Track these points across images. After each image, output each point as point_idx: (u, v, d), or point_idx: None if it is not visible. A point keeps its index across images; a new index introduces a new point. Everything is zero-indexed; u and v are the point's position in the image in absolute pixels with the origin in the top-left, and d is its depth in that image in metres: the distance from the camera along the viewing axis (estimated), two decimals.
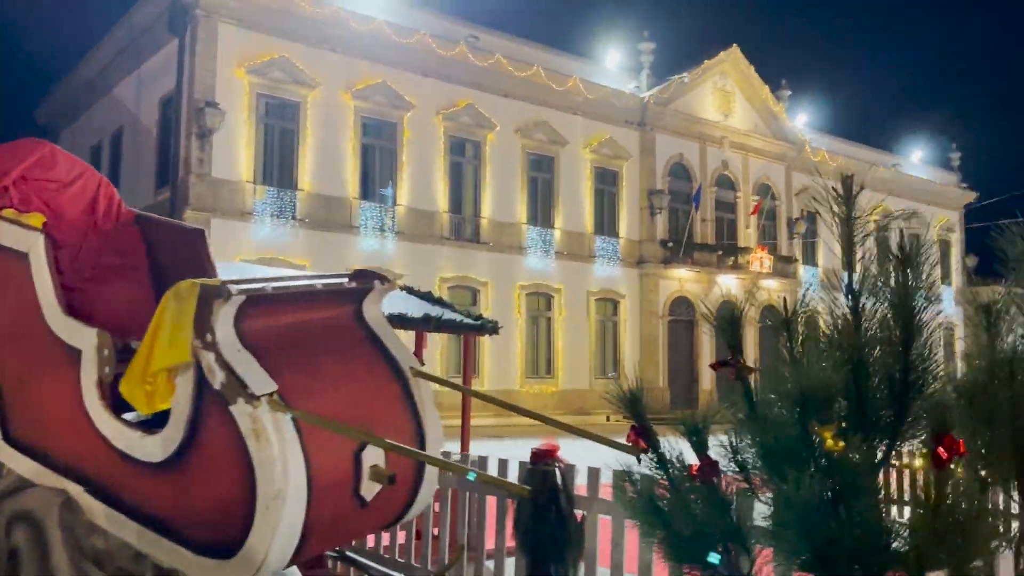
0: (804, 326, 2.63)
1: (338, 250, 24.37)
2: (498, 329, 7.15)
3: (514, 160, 28.95)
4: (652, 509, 2.42)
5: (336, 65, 24.72)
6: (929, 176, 45.09)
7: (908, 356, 2.38)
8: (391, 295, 7.51)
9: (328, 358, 2.83)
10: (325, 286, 3.11)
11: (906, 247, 2.53)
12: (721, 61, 35.02)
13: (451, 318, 6.52)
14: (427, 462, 2.62)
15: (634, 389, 2.74)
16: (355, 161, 25.16)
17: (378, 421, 2.80)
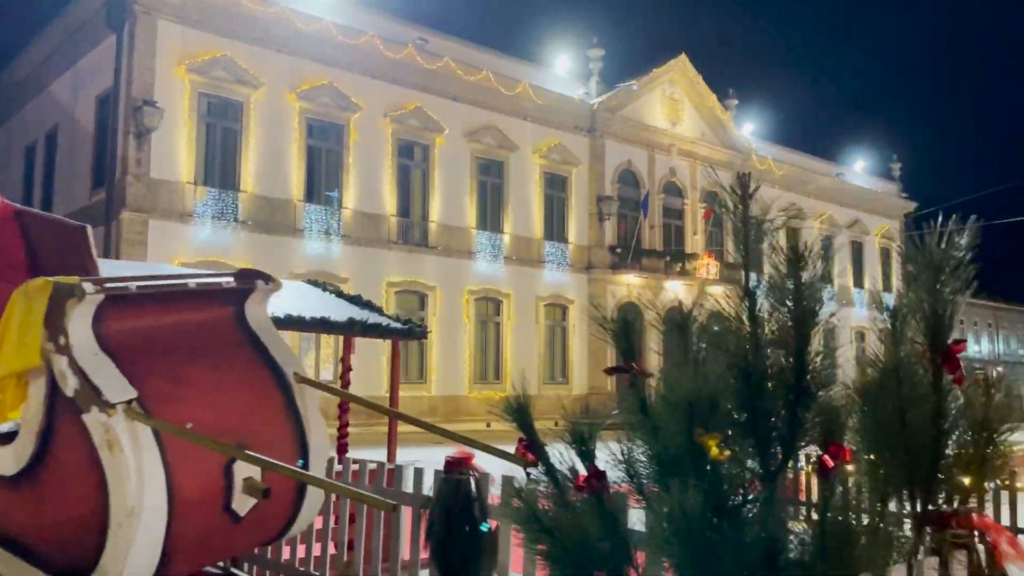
0: (701, 328, 2.52)
1: (282, 253, 23.91)
2: (427, 334, 6.97)
3: (463, 164, 28.78)
4: (535, 521, 2.28)
5: (281, 65, 24.30)
6: (870, 186, 46.10)
7: (802, 359, 2.28)
8: (317, 298, 7.29)
9: (201, 363, 2.63)
10: (200, 285, 2.90)
11: (799, 246, 2.43)
12: (670, 69, 35.35)
13: (377, 322, 6.31)
14: (287, 475, 2.44)
15: (520, 397, 2.59)
16: (300, 163, 24.74)
17: (254, 430, 2.61)
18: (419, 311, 27.43)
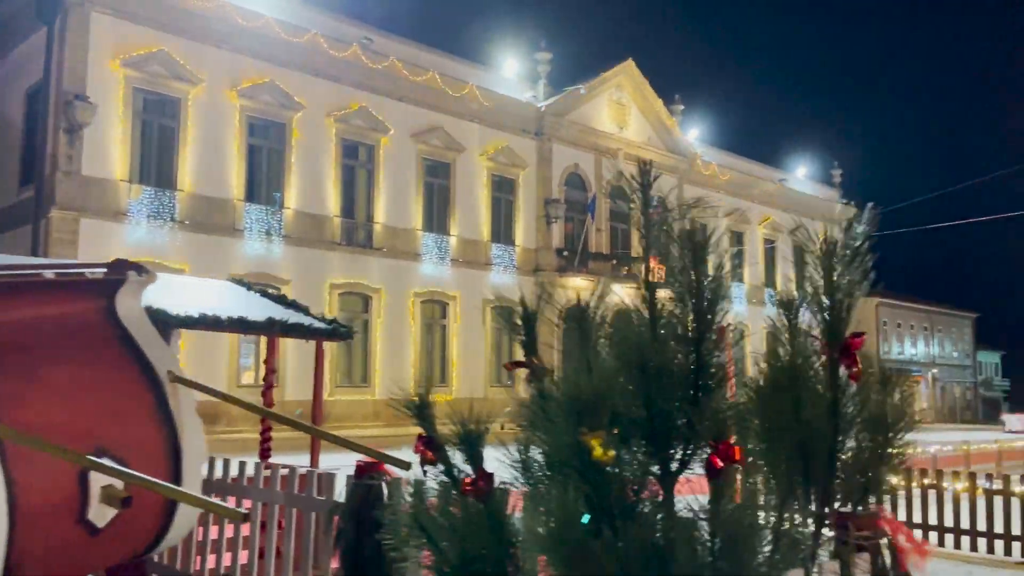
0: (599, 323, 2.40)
1: (220, 254, 23.37)
2: (352, 335, 6.75)
3: (409, 165, 28.51)
4: (419, 527, 2.13)
5: (220, 61, 23.75)
6: (812, 191, 47.03)
7: (700, 355, 2.18)
8: (239, 297, 7.03)
9: (57, 361, 2.42)
10: (60, 276, 2.68)
11: (698, 237, 2.33)
12: (617, 74, 35.56)
13: (298, 322, 6.09)
14: (131, 482, 2.23)
15: (421, 395, 2.45)
16: (240, 162, 24.20)
17: (117, 434, 2.41)
18: (363, 313, 27.10)
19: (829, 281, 2.07)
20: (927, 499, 8.21)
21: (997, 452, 16.26)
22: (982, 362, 67.90)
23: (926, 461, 13.78)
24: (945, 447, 14.48)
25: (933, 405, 58.63)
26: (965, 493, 7.98)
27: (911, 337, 57.74)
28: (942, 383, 60.06)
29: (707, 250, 2.30)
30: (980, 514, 7.88)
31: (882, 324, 54.56)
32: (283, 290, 24.68)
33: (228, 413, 23.24)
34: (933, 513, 8.15)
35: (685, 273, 2.30)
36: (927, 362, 58.57)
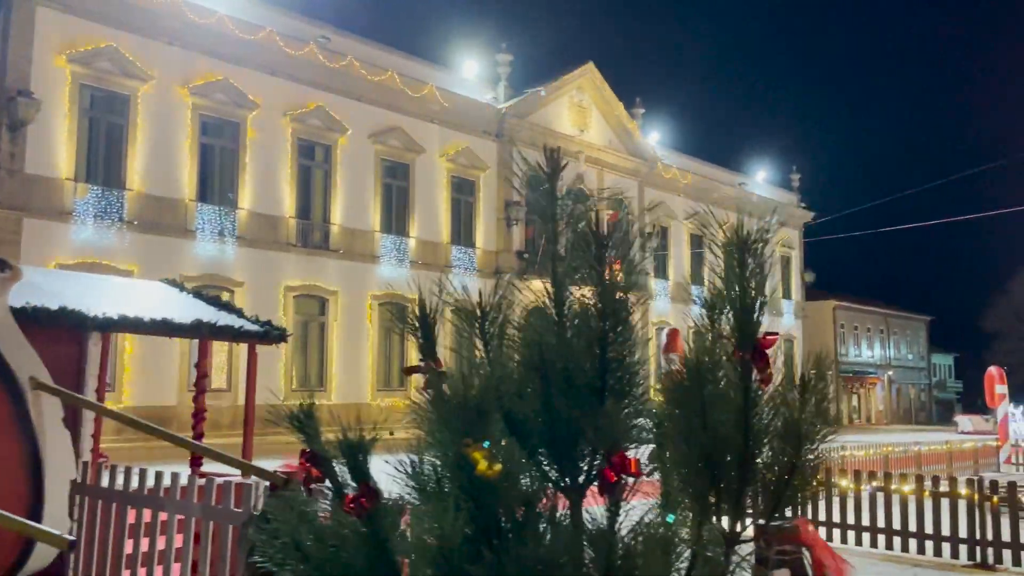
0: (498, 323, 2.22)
1: (171, 255, 22.83)
2: (285, 337, 6.47)
3: (367, 166, 28.16)
4: (295, 549, 1.93)
5: (172, 58, 23.22)
6: (772, 195, 47.50)
7: (606, 357, 2.00)
8: (168, 298, 6.73)
9: None
10: None
11: (604, 227, 2.16)
12: (578, 76, 35.55)
13: (228, 324, 5.81)
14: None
15: (305, 403, 2.24)
16: (192, 161, 23.67)
17: None
18: (319, 316, 26.70)
19: (741, 276, 1.91)
20: (876, 502, 8.16)
21: (947, 453, 16.43)
22: (936, 364, 69.22)
23: (878, 463, 13.86)
24: (897, 448, 14.59)
25: (889, 407, 59.58)
26: (913, 495, 7.95)
27: (868, 340, 58.62)
28: (897, 385, 61.07)
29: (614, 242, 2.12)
30: (928, 517, 7.86)
31: (839, 327, 55.32)
32: (236, 292, 24.29)
33: (179, 417, 22.71)
34: (881, 516, 8.11)
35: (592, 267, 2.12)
36: (883, 364, 59.50)
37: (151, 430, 2.77)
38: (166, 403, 21.82)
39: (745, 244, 1.92)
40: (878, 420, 57.22)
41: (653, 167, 39.08)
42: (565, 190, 2.32)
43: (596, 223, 2.21)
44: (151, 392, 21.70)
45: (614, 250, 2.15)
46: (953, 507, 7.65)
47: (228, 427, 21.55)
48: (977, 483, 7.63)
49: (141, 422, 2.89)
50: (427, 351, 2.25)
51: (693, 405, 1.78)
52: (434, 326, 2.26)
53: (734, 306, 1.91)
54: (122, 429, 21.27)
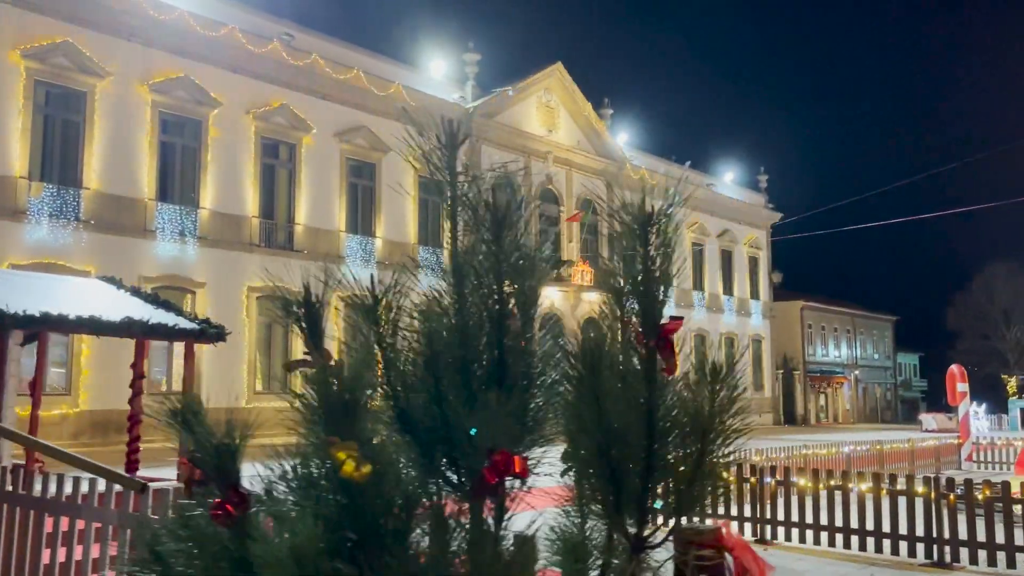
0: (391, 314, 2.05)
1: (130, 255, 22.36)
2: (224, 336, 6.21)
3: (332, 165, 27.81)
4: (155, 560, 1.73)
5: (131, 55, 22.74)
6: (739, 196, 47.78)
7: (502, 346, 1.84)
8: (101, 296, 6.45)
9: None
10: None
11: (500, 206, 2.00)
12: (546, 76, 35.46)
13: (161, 322, 5.56)
14: None
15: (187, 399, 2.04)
16: (152, 159, 23.20)
17: None
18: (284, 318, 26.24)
19: (644, 257, 1.75)
20: (834, 500, 8.09)
21: (909, 451, 16.48)
22: (902, 363, 70.12)
23: (840, 461, 13.85)
24: (860, 447, 14.61)
25: (855, 406, 60.20)
26: (871, 494, 7.88)
27: (835, 340, 59.19)
28: (864, 384, 61.74)
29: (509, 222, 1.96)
30: (885, 515, 7.80)
31: (807, 327, 55.80)
32: (198, 293, 23.86)
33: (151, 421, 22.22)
34: (840, 514, 8.04)
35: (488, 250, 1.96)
36: (850, 363, 60.12)
37: (14, 436, 2.55)
38: (124, 407, 21.24)
39: (648, 220, 1.76)
40: (845, 419, 57.79)
41: (622, 168, 39.10)
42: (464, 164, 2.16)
43: (493, 202, 2.04)
44: (109, 395, 21.07)
45: (509, 229, 1.99)
46: (910, 505, 7.60)
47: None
48: (934, 481, 7.58)
49: (11, 431, 2.67)
50: (312, 343, 2.06)
51: (588, 397, 1.62)
52: (320, 316, 2.06)
53: (636, 290, 1.75)
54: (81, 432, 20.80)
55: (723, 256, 46.59)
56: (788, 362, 53.17)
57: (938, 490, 7.49)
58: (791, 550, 8.07)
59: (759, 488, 8.49)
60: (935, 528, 7.45)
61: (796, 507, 8.27)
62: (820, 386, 56.13)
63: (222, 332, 6.04)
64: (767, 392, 48.65)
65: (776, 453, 12.28)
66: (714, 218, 45.61)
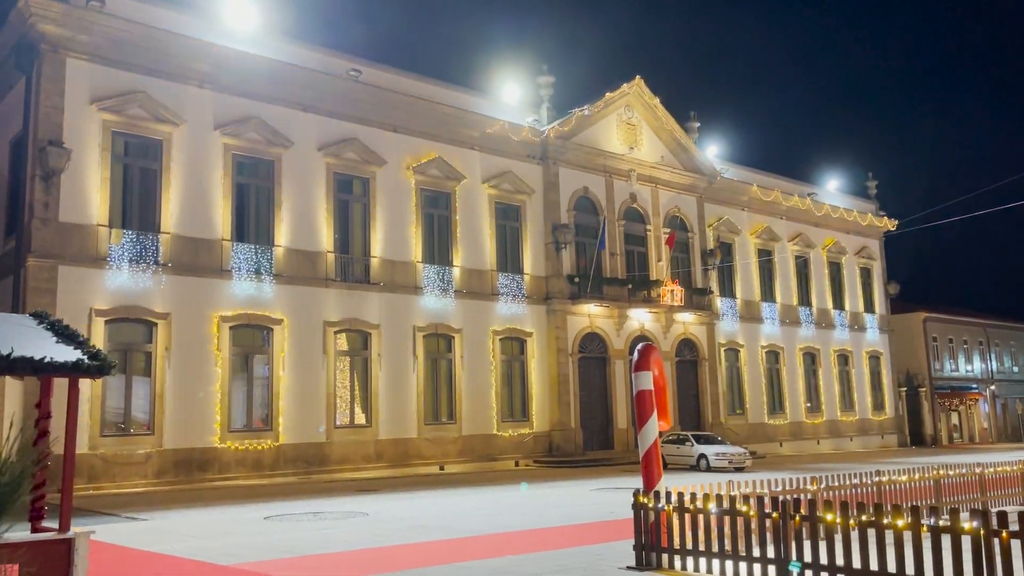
0: None
1: (207, 296, 22.92)
2: (109, 369, 5.72)
3: (406, 196, 27.86)
4: None
5: (202, 100, 23.53)
6: (846, 204, 45.09)
7: None
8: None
9: None
10: None
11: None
12: (624, 93, 34.60)
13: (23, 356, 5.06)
14: None
15: None
16: (226, 201, 23.81)
17: None
18: (362, 350, 26.35)
19: None
20: (867, 539, 6.89)
21: (1021, 475, 14.41)
22: None
23: (926, 490, 12.23)
24: (952, 472, 12.82)
25: (993, 424, 55.31)
26: (908, 531, 6.64)
27: (965, 352, 54.72)
28: (1002, 400, 56.69)
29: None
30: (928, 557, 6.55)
31: (931, 340, 51.84)
32: (275, 330, 24.21)
33: (219, 459, 22.63)
34: (874, 557, 6.82)
35: None
36: (985, 378, 55.41)
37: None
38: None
39: None
40: (982, 438, 53.17)
41: (713, 181, 37.59)
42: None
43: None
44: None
45: None
46: (956, 545, 6.33)
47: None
48: (983, 515, 6.29)
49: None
50: None
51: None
52: None
53: None
54: (164, 471, 21.25)
55: (831, 268, 43.97)
56: (912, 379, 49.49)
57: (988, 527, 6.21)
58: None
59: (783, 525, 7.37)
60: (986, 573, 6.17)
61: (825, 548, 7.10)
62: (951, 404, 51.91)
63: (106, 365, 5.58)
64: (888, 412, 45.30)
65: (842, 480, 10.88)
66: (819, 229, 43.17)
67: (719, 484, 8.95)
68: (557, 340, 31.01)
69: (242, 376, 23.80)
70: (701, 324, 36.07)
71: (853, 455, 36.92)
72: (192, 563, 9.37)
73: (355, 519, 13.69)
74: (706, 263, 37.01)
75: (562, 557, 9.40)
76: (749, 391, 38.05)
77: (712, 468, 26.62)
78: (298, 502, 16.73)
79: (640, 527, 8.63)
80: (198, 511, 15.27)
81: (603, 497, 17.08)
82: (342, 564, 9.14)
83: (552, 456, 29.86)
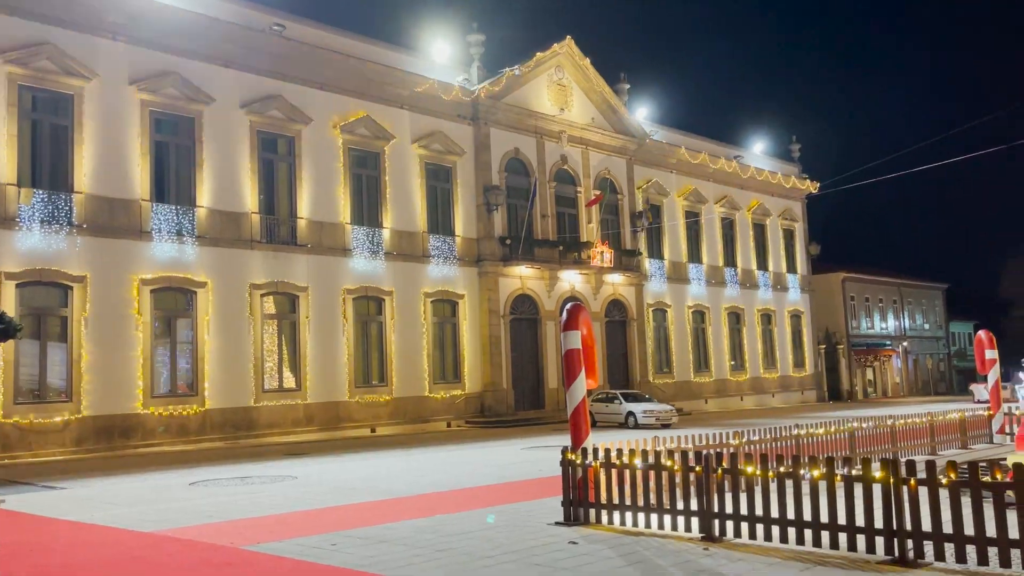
0: None
1: (125, 258, 22.12)
2: (14, 332, 5.48)
3: (334, 156, 27.27)
4: None
5: (116, 54, 22.45)
6: (771, 167, 46.06)
7: None
8: None
9: None
10: None
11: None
12: (555, 54, 34.41)
13: None
14: None
15: None
16: (145, 160, 22.90)
17: None
18: (291, 313, 25.89)
19: None
20: (784, 490, 7.13)
21: (929, 427, 15.16)
22: (955, 333, 67.33)
23: (841, 443, 12.74)
24: (866, 424, 13.40)
25: (905, 379, 57.94)
26: (823, 481, 6.90)
27: (880, 311, 56.99)
28: (914, 356, 59.38)
29: None
30: (841, 505, 6.82)
31: (850, 299, 53.78)
32: (199, 293, 23.57)
33: (143, 426, 22.07)
34: (791, 506, 7.07)
35: None
36: (898, 335, 57.87)
37: None
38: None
39: None
40: (895, 393, 55.67)
41: (642, 143, 37.87)
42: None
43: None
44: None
45: None
46: (868, 493, 6.61)
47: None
48: (892, 464, 6.57)
49: None
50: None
51: None
52: None
53: None
54: (84, 439, 20.63)
55: (756, 230, 45.00)
56: (831, 337, 51.33)
57: (897, 475, 6.48)
58: (737, 548, 7.14)
59: (705, 478, 7.56)
60: (895, 519, 6.46)
61: (745, 499, 7.33)
62: (866, 360, 54.12)
63: (11, 328, 5.33)
64: (808, 368, 46.97)
65: (763, 434, 11.24)
66: (744, 191, 44.05)
67: (645, 440, 9.12)
68: (489, 302, 31.03)
69: (165, 341, 23.16)
70: (630, 285, 36.57)
71: (774, 410, 38.23)
72: (112, 531, 9.14)
73: (283, 483, 13.54)
74: (635, 225, 37.43)
75: (491, 515, 9.48)
76: (676, 350, 38.87)
77: (640, 425, 27.22)
78: (225, 467, 16.46)
79: (568, 483, 8.75)
80: (120, 479, 14.88)
81: (533, 456, 17.29)
82: (268, 527, 9.04)
83: (484, 417, 30.04)
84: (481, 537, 8.04)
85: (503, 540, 7.82)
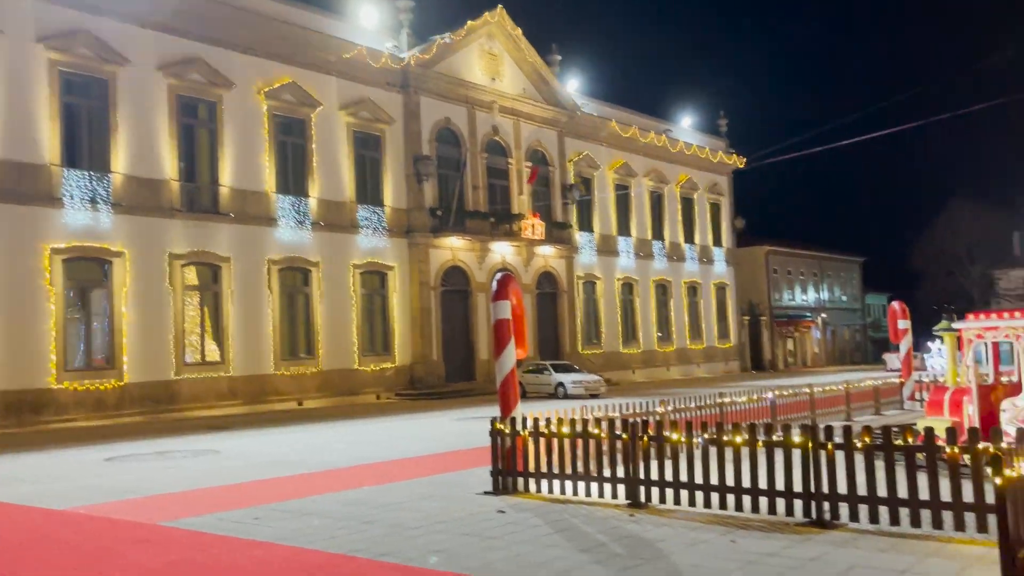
0: None
1: (34, 226, 21.10)
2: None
3: (258, 122, 26.46)
4: None
5: (22, 8, 21.24)
6: (699, 142, 46.70)
7: None
8: None
9: None
10: None
11: None
12: (487, 23, 34.01)
13: None
14: None
15: None
16: (55, 123, 21.80)
17: None
18: (213, 284, 25.17)
19: None
20: (708, 456, 7.25)
21: (844, 394, 15.75)
22: (871, 304, 69.95)
23: (762, 411, 13.07)
24: (787, 392, 13.81)
25: (824, 349, 60.01)
26: (746, 447, 7.04)
27: (801, 284, 58.74)
28: (832, 327, 61.50)
29: None
30: (762, 470, 6.97)
31: (772, 272, 55.24)
32: (115, 263, 22.67)
33: (56, 400, 21.22)
34: (715, 471, 7.21)
35: None
36: (818, 307, 59.80)
37: None
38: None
39: None
40: (814, 363, 57.61)
41: (573, 116, 37.89)
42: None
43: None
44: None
45: None
46: (787, 458, 6.78)
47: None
48: (811, 430, 6.75)
49: None
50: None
51: None
52: None
53: None
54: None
55: (684, 204, 45.68)
56: (754, 308, 52.69)
57: (815, 440, 6.65)
58: (663, 513, 7.25)
59: (632, 446, 7.64)
60: (813, 483, 6.63)
61: (670, 466, 7.43)
62: (788, 331, 55.79)
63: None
64: (732, 339, 48.17)
65: (688, 403, 11.44)
66: (673, 165, 44.59)
67: (573, 410, 9.16)
68: (420, 274, 30.75)
69: (79, 312, 22.25)
70: (561, 257, 36.74)
71: (700, 380, 39.13)
72: (19, 508, 8.73)
73: (205, 457, 13.20)
74: (566, 198, 37.54)
75: (420, 486, 9.41)
76: (605, 322, 39.34)
77: (569, 395, 27.51)
78: (144, 442, 15.96)
79: (497, 453, 8.73)
80: (31, 455, 14.28)
81: (464, 427, 17.27)
82: (188, 502, 8.77)
83: (415, 389, 29.88)
84: (409, 508, 7.96)
85: (431, 511, 7.76)
